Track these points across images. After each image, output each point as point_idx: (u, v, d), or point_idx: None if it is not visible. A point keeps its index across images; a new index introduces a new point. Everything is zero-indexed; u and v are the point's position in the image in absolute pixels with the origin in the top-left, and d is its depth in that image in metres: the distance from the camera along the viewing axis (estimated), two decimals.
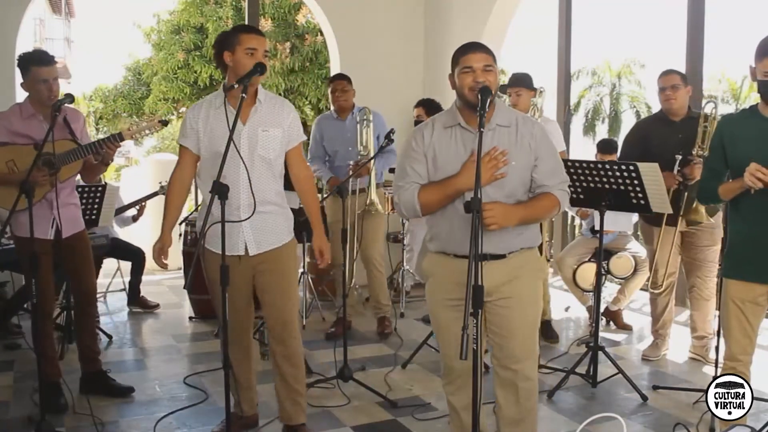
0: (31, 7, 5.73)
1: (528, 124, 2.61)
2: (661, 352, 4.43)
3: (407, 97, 6.12)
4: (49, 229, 3.46)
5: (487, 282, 2.50)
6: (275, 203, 3.04)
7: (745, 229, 2.75)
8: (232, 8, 15.10)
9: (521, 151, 2.56)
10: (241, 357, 3.18)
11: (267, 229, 3.02)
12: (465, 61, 2.57)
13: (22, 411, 3.48)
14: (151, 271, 6.79)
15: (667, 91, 4.09)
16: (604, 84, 33.21)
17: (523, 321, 2.64)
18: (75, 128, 3.50)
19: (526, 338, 2.65)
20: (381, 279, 4.94)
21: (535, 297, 2.69)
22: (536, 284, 2.71)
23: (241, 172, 2.90)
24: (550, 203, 2.59)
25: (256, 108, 2.98)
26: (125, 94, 17.44)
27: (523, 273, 2.63)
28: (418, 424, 3.41)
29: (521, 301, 2.62)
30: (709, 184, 2.87)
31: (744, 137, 2.73)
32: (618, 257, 4.90)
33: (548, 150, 2.61)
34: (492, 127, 2.56)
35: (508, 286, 2.60)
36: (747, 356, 2.81)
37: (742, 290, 2.75)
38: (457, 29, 6.28)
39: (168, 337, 4.89)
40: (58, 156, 3.32)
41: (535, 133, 2.58)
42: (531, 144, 2.57)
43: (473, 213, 2.24)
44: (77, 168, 3.50)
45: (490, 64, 2.55)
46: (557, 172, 2.63)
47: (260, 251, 3.02)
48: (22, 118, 3.41)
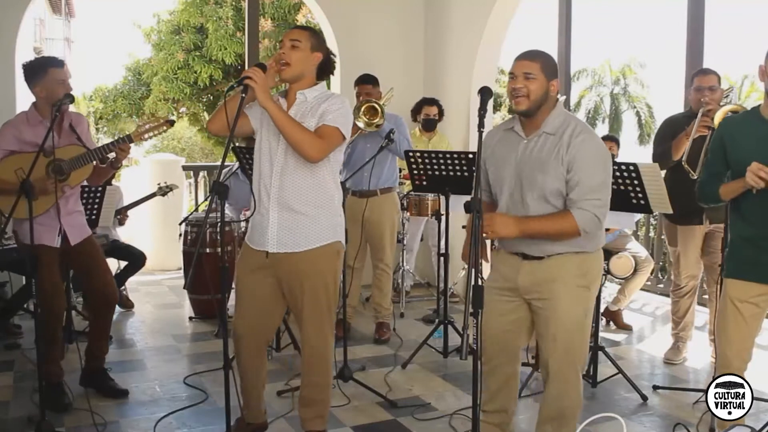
0: (31, 7, 5.72)
1: (574, 134, 2.57)
2: (683, 355, 4.37)
3: (407, 97, 6.11)
4: (55, 237, 3.47)
5: (526, 279, 2.69)
6: (311, 203, 2.87)
7: (746, 231, 2.74)
8: (232, 8, 15.10)
9: (554, 161, 2.57)
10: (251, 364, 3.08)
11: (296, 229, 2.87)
12: (511, 68, 2.65)
13: (22, 411, 3.48)
14: (151, 271, 6.81)
15: (704, 91, 3.95)
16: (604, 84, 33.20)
17: (560, 326, 2.65)
18: (80, 132, 3.49)
19: (565, 343, 2.66)
20: (387, 282, 4.91)
21: (575, 302, 2.65)
22: (577, 290, 2.65)
23: (274, 167, 2.86)
24: (563, 222, 2.56)
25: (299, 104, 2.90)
26: (125, 94, 17.42)
27: (561, 277, 2.64)
28: (418, 424, 3.41)
29: (558, 305, 2.63)
30: (709, 185, 2.85)
31: (745, 139, 2.71)
32: (618, 257, 4.89)
33: (584, 163, 2.54)
34: (539, 134, 2.64)
35: (545, 287, 2.65)
36: (743, 363, 2.74)
37: (741, 290, 2.73)
38: (457, 29, 6.28)
39: (168, 337, 4.88)
40: (67, 162, 3.33)
41: (574, 143, 2.55)
42: (563, 155, 2.56)
43: (473, 213, 2.26)
44: (87, 173, 3.47)
45: (531, 72, 2.58)
46: (584, 189, 2.54)
47: (281, 251, 2.88)
48: (30, 125, 3.40)
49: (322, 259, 2.91)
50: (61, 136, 3.42)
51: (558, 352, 2.68)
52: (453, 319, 4.51)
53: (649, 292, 6.02)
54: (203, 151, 21.72)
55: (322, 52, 2.92)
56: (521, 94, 2.58)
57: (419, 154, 4.36)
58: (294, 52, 2.84)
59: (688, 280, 4.26)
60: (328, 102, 2.86)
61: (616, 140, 5.32)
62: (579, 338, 2.70)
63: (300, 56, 2.85)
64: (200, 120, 17.79)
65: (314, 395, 3.02)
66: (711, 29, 5.37)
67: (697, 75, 4.10)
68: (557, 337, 2.66)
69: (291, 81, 2.89)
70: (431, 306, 5.62)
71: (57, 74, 3.39)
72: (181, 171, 7.44)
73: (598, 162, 2.58)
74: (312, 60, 2.89)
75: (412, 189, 4.71)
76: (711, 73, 4.05)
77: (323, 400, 3.05)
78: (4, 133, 3.40)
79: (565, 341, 2.66)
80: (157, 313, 5.62)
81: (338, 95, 2.93)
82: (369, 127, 4.53)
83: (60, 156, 3.34)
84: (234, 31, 14.83)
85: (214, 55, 15.05)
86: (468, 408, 3.14)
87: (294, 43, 2.85)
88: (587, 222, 2.54)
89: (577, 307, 2.66)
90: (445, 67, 6.40)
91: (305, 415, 3.05)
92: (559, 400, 2.75)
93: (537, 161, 2.61)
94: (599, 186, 2.57)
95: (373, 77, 4.79)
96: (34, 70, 3.40)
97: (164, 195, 5.53)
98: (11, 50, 5.50)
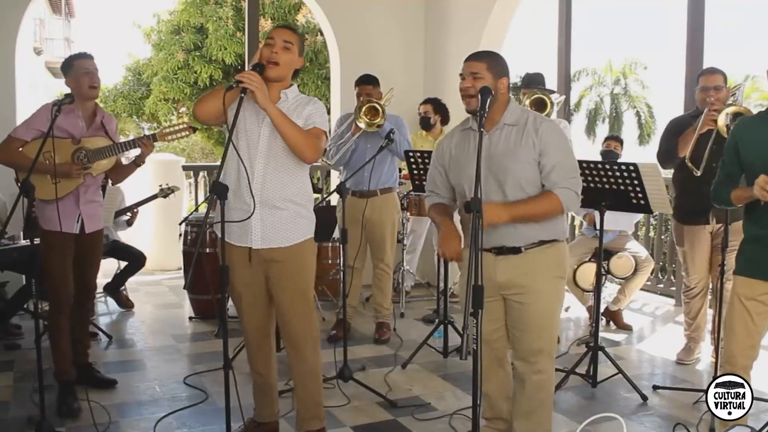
0: (31, 7, 5.72)
1: (537, 122, 2.68)
2: (695, 356, 4.35)
3: (407, 97, 6.12)
4: (75, 224, 3.58)
5: (504, 275, 2.71)
6: (292, 201, 2.91)
7: (756, 231, 2.76)
8: (232, 8, 15.10)
9: (524, 148, 2.65)
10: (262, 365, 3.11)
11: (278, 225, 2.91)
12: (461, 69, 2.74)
13: (22, 411, 3.48)
14: (151, 271, 6.81)
15: (710, 91, 3.93)
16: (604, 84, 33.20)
17: (537, 315, 2.72)
18: (109, 130, 3.65)
19: (541, 332, 2.74)
20: (387, 282, 4.91)
21: (553, 293, 2.76)
22: (554, 281, 2.76)
23: (255, 166, 2.86)
24: (549, 202, 2.64)
25: (281, 103, 2.92)
26: (125, 94, 17.42)
27: (540, 268, 2.71)
28: (418, 424, 3.41)
29: (537, 296, 2.71)
30: (723, 187, 2.86)
31: (757, 141, 2.73)
32: (618, 257, 4.90)
33: (556, 147, 2.66)
34: (500, 127, 2.71)
35: (523, 279, 2.70)
36: (748, 360, 2.76)
37: (749, 287, 2.74)
38: (457, 29, 6.28)
39: (168, 337, 4.88)
40: (92, 151, 3.50)
41: (541, 130, 2.66)
42: (534, 140, 2.64)
43: (473, 213, 2.26)
44: (108, 166, 3.62)
45: (477, 71, 2.67)
46: (563, 170, 2.66)
47: (265, 246, 2.90)
48: (64, 113, 3.46)
49: (306, 253, 2.99)
50: (90, 128, 3.59)
51: (538, 342, 2.74)
52: (453, 319, 4.51)
53: (649, 292, 6.03)
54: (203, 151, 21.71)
55: (303, 58, 3.04)
56: (470, 94, 2.66)
57: (419, 154, 4.36)
58: (285, 54, 2.89)
59: (698, 281, 4.24)
60: (312, 106, 2.94)
61: (620, 140, 5.32)
62: (554, 327, 2.82)
63: (289, 59, 2.91)
64: None
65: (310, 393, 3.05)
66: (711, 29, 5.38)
67: (703, 74, 4.08)
68: (536, 328, 2.73)
69: (273, 80, 2.91)
70: (431, 306, 5.62)
71: (82, 64, 3.56)
72: (181, 171, 7.44)
73: (566, 145, 2.72)
74: (296, 63, 2.98)
75: (412, 189, 4.71)
76: (717, 72, 4.02)
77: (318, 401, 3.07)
78: (40, 114, 3.50)
79: (543, 331, 2.74)
80: (157, 313, 5.62)
81: (314, 98, 3.02)
82: (370, 128, 4.53)
83: (86, 145, 3.52)
84: (234, 31, 14.83)
85: (214, 55, 15.05)
86: (468, 408, 3.14)
87: (287, 45, 2.89)
88: (570, 199, 2.65)
89: (554, 298, 2.77)
90: (445, 67, 6.40)
91: (304, 415, 3.08)
92: (540, 391, 2.78)
93: (505, 151, 2.68)
94: (573, 166, 2.71)
95: (373, 77, 4.79)
96: (65, 66, 3.60)
97: (166, 197, 5.56)
98: (11, 50, 5.50)
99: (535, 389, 2.78)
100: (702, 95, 3.99)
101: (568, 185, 2.64)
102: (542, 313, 2.73)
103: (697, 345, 4.37)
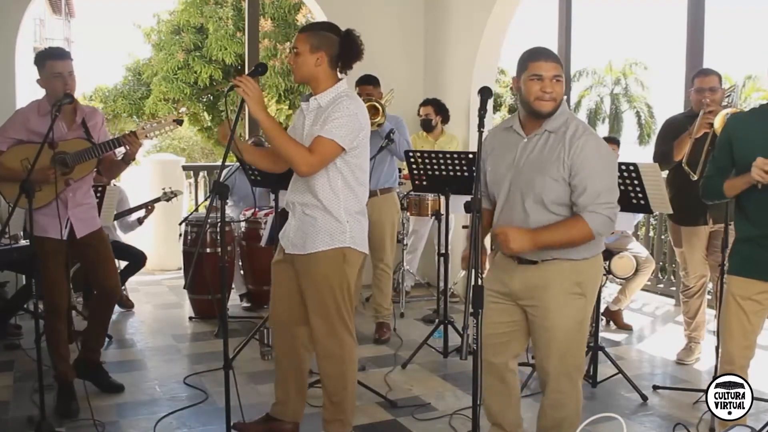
0: (31, 7, 5.72)
1: (576, 135, 2.49)
2: (695, 356, 4.34)
3: (407, 97, 6.12)
4: (61, 229, 3.45)
5: (519, 284, 2.62)
6: (315, 206, 2.86)
7: (749, 230, 2.74)
8: (232, 8, 15.11)
9: (553, 163, 2.50)
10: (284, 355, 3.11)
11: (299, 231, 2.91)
12: (534, 69, 2.52)
13: (22, 411, 3.48)
14: (151, 271, 6.81)
15: (705, 92, 3.91)
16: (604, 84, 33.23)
17: (552, 334, 2.58)
18: (91, 126, 3.48)
19: (559, 352, 2.60)
20: (387, 282, 4.91)
21: (566, 311, 2.56)
22: (568, 298, 2.56)
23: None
24: (577, 229, 2.46)
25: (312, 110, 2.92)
26: (125, 94, 17.43)
27: (553, 284, 2.56)
28: (418, 424, 3.40)
29: (546, 312, 2.57)
30: (714, 180, 2.83)
31: (751, 136, 2.71)
32: (619, 257, 4.89)
33: (589, 166, 2.46)
34: (541, 132, 2.57)
35: (536, 293, 2.59)
36: (745, 360, 2.76)
37: (744, 287, 2.73)
38: (457, 29, 6.28)
39: (168, 337, 4.88)
40: (71, 155, 3.34)
41: (576, 146, 2.46)
42: (565, 157, 2.47)
43: (473, 213, 2.26)
44: (90, 168, 3.49)
45: (560, 74, 2.53)
46: (594, 193, 2.45)
47: (293, 252, 2.93)
48: (39, 115, 3.39)
49: (324, 264, 2.86)
50: (71, 129, 3.45)
51: (552, 361, 2.62)
52: (453, 319, 4.51)
53: (650, 292, 6.03)
54: (203, 151, 21.70)
55: (325, 48, 2.86)
56: (551, 98, 2.52)
57: (419, 155, 4.36)
58: (295, 59, 2.89)
59: (697, 280, 4.24)
60: (333, 108, 2.81)
61: (617, 141, 5.31)
62: (574, 347, 2.63)
63: (300, 61, 2.87)
64: (200, 120, 17.78)
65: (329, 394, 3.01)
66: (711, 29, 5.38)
67: (698, 76, 4.06)
68: (550, 345, 2.60)
69: (307, 84, 2.92)
70: (431, 306, 5.62)
71: (53, 67, 3.33)
72: (181, 171, 7.44)
73: (603, 164, 2.51)
74: (313, 61, 2.86)
75: (412, 189, 4.71)
76: (711, 73, 4.01)
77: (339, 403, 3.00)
78: (14, 120, 3.42)
79: (559, 350, 2.60)
80: (157, 313, 5.62)
81: (346, 98, 2.85)
82: (370, 127, 4.53)
83: (65, 149, 3.35)
84: (234, 31, 14.83)
85: (215, 55, 15.05)
86: (468, 408, 3.14)
87: (295, 51, 2.88)
88: (600, 224, 2.47)
89: (569, 316, 2.57)
90: (445, 67, 6.39)
91: (324, 416, 3.07)
92: (556, 410, 2.70)
93: (536, 162, 2.54)
94: (607, 189, 2.50)
95: (374, 78, 4.79)
96: (36, 61, 3.39)
97: (168, 200, 5.61)
98: (11, 50, 5.49)
99: (552, 407, 2.70)
100: (697, 96, 3.98)
101: (599, 210, 2.45)
102: (553, 330, 2.57)
103: (697, 345, 4.37)
